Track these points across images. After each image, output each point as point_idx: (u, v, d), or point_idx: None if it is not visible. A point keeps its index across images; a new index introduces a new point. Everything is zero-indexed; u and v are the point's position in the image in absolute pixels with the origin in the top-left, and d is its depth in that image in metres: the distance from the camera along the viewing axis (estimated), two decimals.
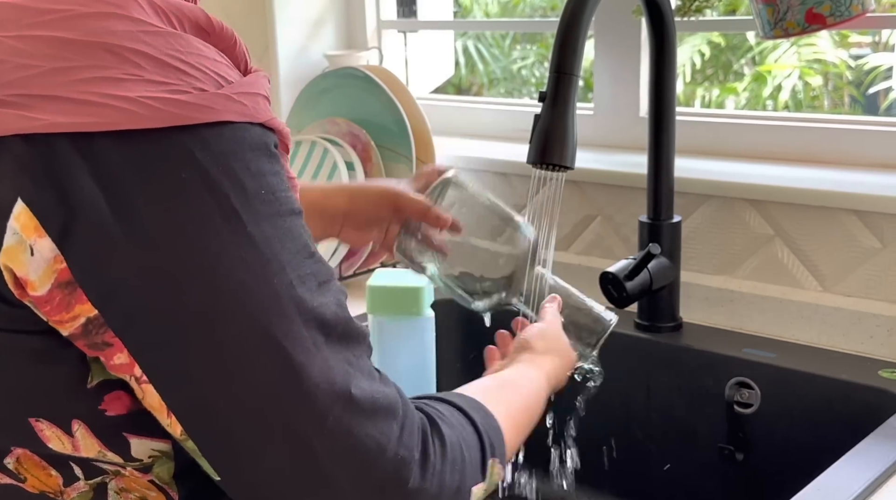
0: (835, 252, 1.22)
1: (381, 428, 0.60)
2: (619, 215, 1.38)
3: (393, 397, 0.62)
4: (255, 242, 0.57)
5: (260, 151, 0.58)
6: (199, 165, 0.55)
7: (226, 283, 0.56)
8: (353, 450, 0.59)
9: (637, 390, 1.28)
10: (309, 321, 0.58)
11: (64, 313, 0.56)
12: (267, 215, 0.58)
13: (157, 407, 0.58)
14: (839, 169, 1.29)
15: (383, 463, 0.60)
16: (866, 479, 0.90)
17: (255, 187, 0.57)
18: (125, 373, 0.58)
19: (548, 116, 1.03)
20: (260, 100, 0.59)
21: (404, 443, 0.61)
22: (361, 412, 0.59)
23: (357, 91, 1.54)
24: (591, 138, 1.50)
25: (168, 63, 0.56)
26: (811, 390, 1.14)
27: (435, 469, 0.63)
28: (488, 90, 4.84)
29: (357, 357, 0.61)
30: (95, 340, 0.56)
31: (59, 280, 0.55)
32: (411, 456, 0.61)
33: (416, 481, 0.61)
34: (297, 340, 0.57)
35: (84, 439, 0.61)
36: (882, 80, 3.99)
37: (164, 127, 0.54)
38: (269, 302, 0.57)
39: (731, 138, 1.40)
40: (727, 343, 1.22)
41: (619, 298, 1.19)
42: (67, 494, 0.63)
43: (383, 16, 1.79)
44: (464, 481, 0.66)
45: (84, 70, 0.54)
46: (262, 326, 0.56)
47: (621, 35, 1.46)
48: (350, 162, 1.49)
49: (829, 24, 1.06)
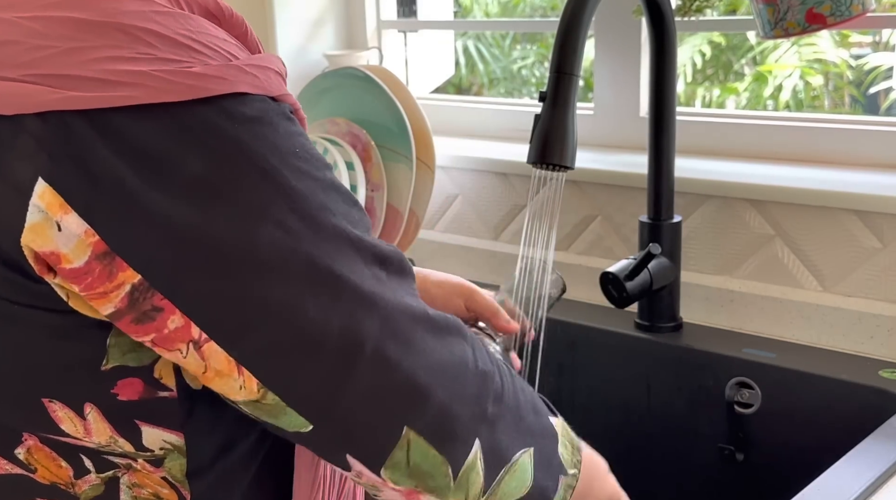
0: (835, 252, 1.22)
1: (459, 345, 0.64)
2: (619, 215, 1.38)
3: (456, 320, 0.66)
4: (301, 193, 0.58)
5: (282, 116, 0.59)
6: (226, 132, 0.56)
7: (274, 233, 0.56)
8: (442, 364, 0.62)
9: (637, 390, 1.28)
10: (369, 257, 0.60)
11: (107, 283, 0.55)
12: (306, 170, 0.59)
13: (225, 369, 0.57)
14: (839, 169, 1.29)
15: (469, 376, 0.64)
16: (867, 479, 0.90)
17: (288, 146, 0.58)
18: (182, 340, 0.57)
19: (548, 116, 1.03)
20: (272, 74, 0.60)
21: (480, 357, 0.66)
22: (440, 331, 0.63)
23: (357, 91, 1.54)
24: (591, 138, 1.50)
25: (180, 42, 0.56)
26: (811, 391, 1.14)
27: (508, 386, 0.68)
28: (488, 90, 4.84)
29: (415, 289, 0.64)
30: (144, 307, 0.56)
31: (95, 252, 0.54)
32: (491, 369, 0.66)
33: (499, 391, 0.66)
34: (363, 274, 0.59)
35: (96, 423, 0.60)
36: (882, 80, 3.99)
37: (183, 100, 0.55)
38: (325, 243, 0.58)
39: (732, 138, 1.40)
40: (727, 343, 1.22)
41: (619, 298, 1.19)
42: (79, 486, 0.63)
43: (383, 16, 1.79)
44: (537, 405, 0.71)
45: (98, 50, 0.54)
46: (323, 264, 0.57)
47: (621, 35, 1.46)
48: (350, 162, 1.49)
49: (829, 23, 1.06)
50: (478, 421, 0.64)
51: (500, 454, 0.65)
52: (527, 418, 0.69)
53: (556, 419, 0.74)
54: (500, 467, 0.65)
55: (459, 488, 0.63)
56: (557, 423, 0.74)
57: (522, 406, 0.69)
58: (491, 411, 0.65)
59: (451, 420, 0.62)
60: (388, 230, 1.49)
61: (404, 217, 1.48)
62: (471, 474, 0.63)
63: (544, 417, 0.71)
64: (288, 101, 0.61)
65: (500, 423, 0.65)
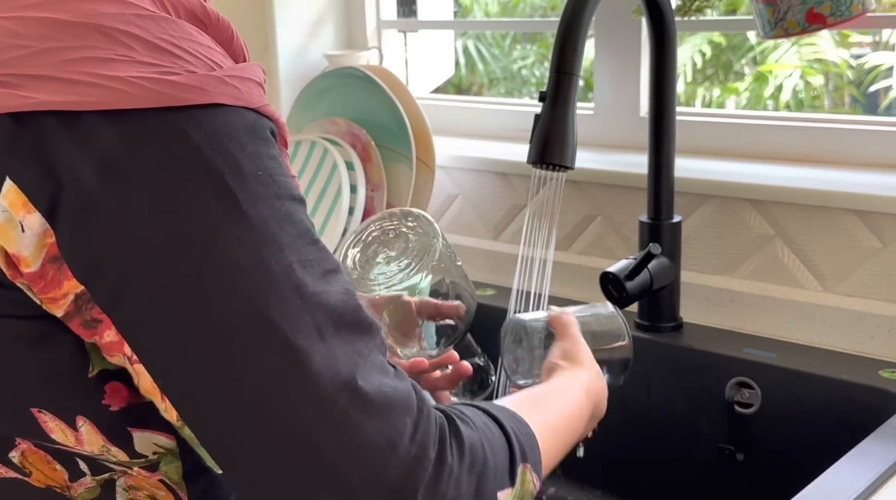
0: (835, 252, 1.21)
1: (392, 423, 0.56)
2: (619, 215, 1.38)
3: (406, 391, 0.59)
4: (251, 221, 0.55)
5: (255, 134, 0.57)
6: (191, 143, 0.54)
7: (218, 260, 0.54)
8: (361, 446, 0.55)
9: (637, 390, 1.28)
10: (311, 306, 0.55)
11: (56, 290, 0.55)
12: (264, 197, 0.56)
13: (151, 390, 0.57)
14: (839, 169, 1.29)
15: (394, 462, 0.56)
16: (867, 479, 0.90)
17: (251, 168, 0.56)
18: (117, 352, 0.57)
19: (548, 116, 1.03)
20: (253, 86, 0.59)
21: (418, 441, 0.57)
22: (371, 406, 0.56)
23: (357, 91, 1.54)
24: (591, 138, 1.50)
25: (159, 46, 0.56)
26: (811, 390, 1.13)
27: (452, 472, 0.59)
28: (488, 90, 4.84)
29: (368, 350, 0.58)
30: (86, 316, 0.56)
31: (49, 254, 0.54)
32: (425, 455, 0.57)
33: (430, 483, 0.57)
34: (298, 324, 0.55)
35: (89, 434, 0.60)
36: (882, 79, 3.99)
37: (156, 107, 0.54)
38: (265, 283, 0.54)
39: (732, 138, 1.40)
40: (727, 343, 1.22)
41: (619, 298, 1.19)
42: (74, 489, 0.63)
43: (383, 16, 1.79)
44: (485, 485, 0.61)
45: (75, 50, 0.54)
46: (258, 306, 0.54)
47: (621, 35, 1.46)
48: (350, 162, 1.49)
49: (829, 23, 1.06)
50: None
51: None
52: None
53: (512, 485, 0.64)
54: None
55: None
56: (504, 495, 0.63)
57: (462, 495, 0.59)
58: None
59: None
60: None
61: None
62: None
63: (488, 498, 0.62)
64: (267, 112, 0.59)
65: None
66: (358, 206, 1.46)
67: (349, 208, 1.46)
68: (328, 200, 1.48)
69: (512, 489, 0.64)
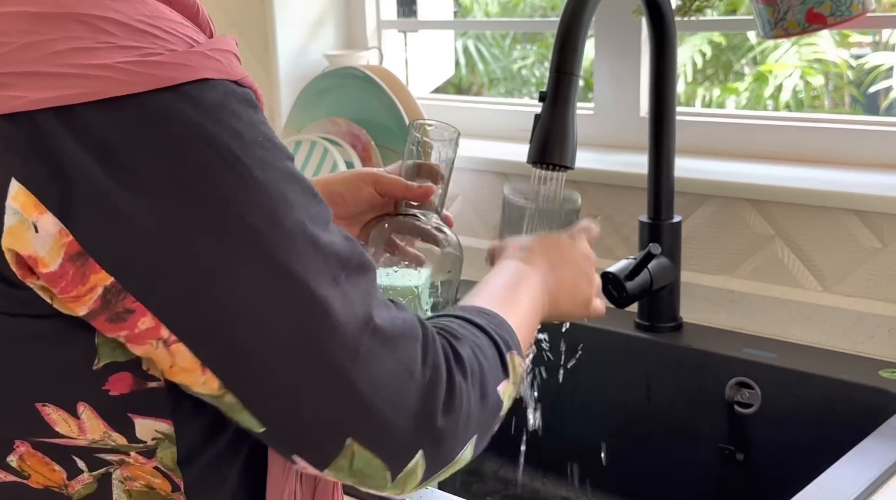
0: (835, 252, 1.22)
1: (407, 352, 0.62)
2: (619, 215, 1.38)
3: (412, 320, 0.64)
4: (263, 185, 0.57)
5: (246, 103, 0.59)
6: (191, 120, 0.55)
7: (237, 228, 0.56)
8: (386, 377, 0.60)
9: (637, 390, 1.28)
10: (326, 257, 0.59)
11: (80, 287, 0.55)
12: (269, 160, 0.58)
13: (190, 367, 0.58)
14: (839, 169, 1.29)
15: (414, 388, 0.61)
16: (867, 479, 0.90)
17: (251, 135, 0.58)
18: (152, 338, 0.57)
19: (548, 116, 1.03)
20: (231, 57, 0.60)
21: (430, 364, 0.63)
22: (388, 339, 0.61)
23: (357, 91, 1.54)
24: (591, 138, 1.50)
25: (138, 28, 0.56)
26: (811, 390, 1.14)
27: (462, 388, 0.64)
28: (488, 90, 4.84)
29: (373, 287, 0.62)
30: (117, 309, 0.56)
31: (68, 253, 0.54)
32: (439, 376, 0.63)
33: (446, 400, 0.63)
34: (319, 275, 0.58)
35: (90, 420, 0.60)
36: (882, 79, 3.99)
37: (148, 90, 0.54)
38: (285, 241, 0.57)
39: (731, 138, 1.40)
40: (727, 343, 1.22)
41: (619, 298, 1.19)
42: (72, 487, 0.63)
43: (383, 16, 1.79)
44: (486, 387, 0.68)
45: (57, 42, 0.54)
46: (282, 265, 0.57)
47: (621, 35, 1.46)
48: (350, 162, 1.49)
49: (829, 23, 1.06)
50: (420, 435, 0.62)
51: (443, 460, 0.65)
52: (473, 416, 0.66)
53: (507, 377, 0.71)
54: (441, 467, 0.65)
55: (396, 486, 0.63)
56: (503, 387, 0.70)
57: (472, 406, 0.66)
58: (437, 425, 0.63)
59: (392, 434, 0.61)
60: None
61: None
62: (409, 477, 0.63)
63: (493, 396, 0.69)
64: (248, 83, 0.60)
65: (444, 436, 0.63)
66: None
67: None
68: None
69: (507, 379, 0.71)
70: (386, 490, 0.64)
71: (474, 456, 0.68)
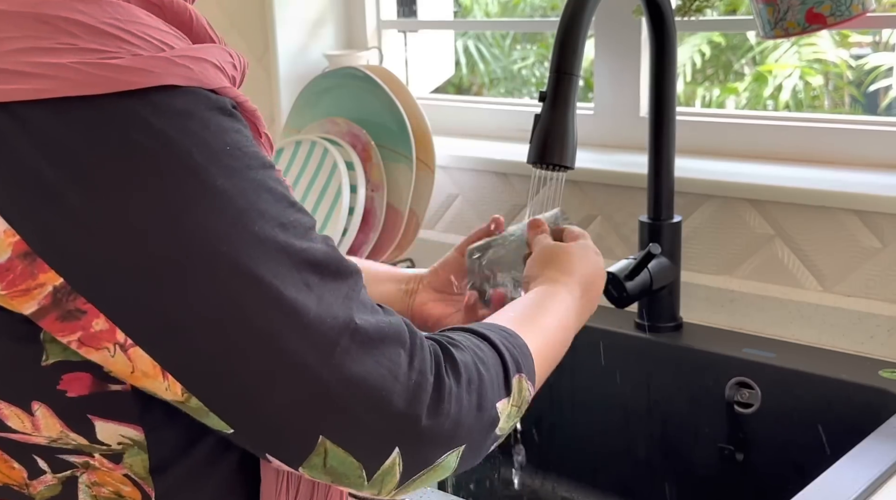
0: (835, 252, 1.22)
1: (390, 356, 0.60)
2: (619, 215, 1.38)
3: (398, 325, 0.63)
4: (228, 194, 0.55)
5: (217, 111, 0.57)
6: (151, 127, 0.54)
7: (196, 232, 0.54)
8: (366, 379, 0.59)
9: (637, 390, 1.28)
10: (299, 263, 0.58)
11: (30, 281, 0.54)
12: (237, 169, 0.56)
13: (151, 372, 0.56)
14: (839, 169, 1.29)
15: (398, 389, 0.60)
16: (866, 479, 0.90)
17: (218, 144, 0.56)
18: (108, 341, 0.55)
19: (548, 116, 1.03)
20: (207, 66, 0.58)
21: (416, 368, 0.62)
22: (369, 341, 0.60)
23: (357, 91, 1.54)
24: (591, 138, 1.50)
25: (105, 31, 0.55)
26: (811, 390, 1.14)
27: (451, 391, 0.63)
28: (488, 90, 4.84)
29: (354, 291, 0.61)
30: (68, 307, 0.54)
31: (17, 251, 0.53)
32: (425, 380, 0.62)
33: (432, 405, 0.62)
34: (289, 280, 0.57)
35: (45, 419, 0.59)
36: (882, 79, 3.99)
37: (107, 93, 0.53)
38: (251, 248, 0.56)
39: (731, 138, 1.40)
40: (727, 343, 1.22)
41: (619, 298, 1.19)
42: (34, 487, 0.62)
43: (383, 16, 1.79)
44: (484, 399, 0.66)
45: (16, 41, 0.53)
46: (246, 270, 0.55)
47: (621, 35, 1.46)
48: (350, 162, 1.49)
49: (829, 23, 1.06)
50: (398, 434, 0.61)
51: (421, 461, 0.63)
52: (464, 423, 0.64)
53: (508, 395, 0.69)
54: (418, 470, 0.63)
55: (373, 485, 0.62)
56: (502, 405, 0.69)
57: (463, 413, 0.64)
58: (421, 425, 0.61)
59: (368, 433, 0.60)
60: (387, 230, 1.49)
61: (404, 217, 1.48)
62: (386, 476, 0.62)
63: (489, 410, 0.67)
64: (229, 94, 0.59)
65: (426, 437, 0.62)
66: (358, 206, 1.46)
67: (349, 208, 1.46)
68: (328, 200, 1.48)
69: (508, 398, 0.69)
70: (363, 490, 0.63)
71: (460, 468, 0.66)
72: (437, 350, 0.65)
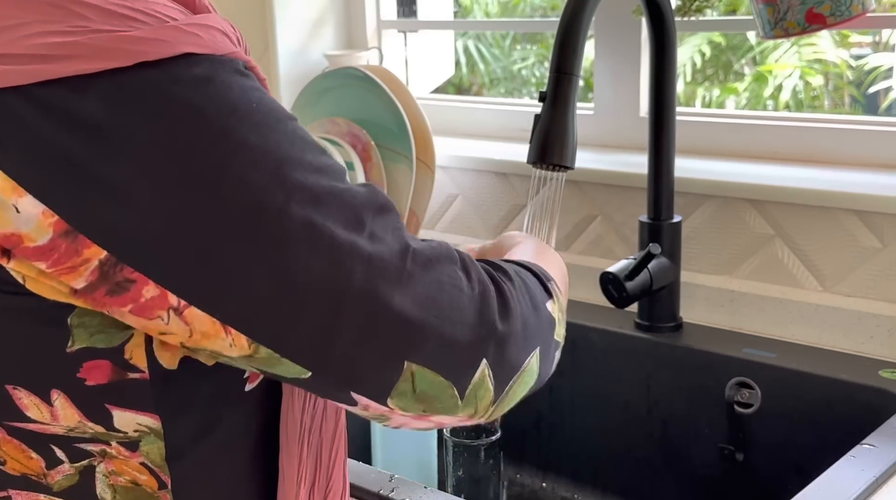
0: (835, 252, 1.22)
1: (449, 273, 0.62)
2: (619, 215, 1.38)
3: (446, 245, 0.65)
4: (262, 147, 0.56)
5: (235, 72, 0.57)
6: (176, 95, 0.54)
7: (239, 188, 0.54)
8: (435, 297, 0.60)
9: (637, 390, 1.28)
10: (344, 202, 0.59)
11: (75, 258, 0.54)
12: (268, 123, 0.57)
13: (211, 330, 0.56)
14: (839, 169, 1.29)
15: (466, 301, 0.62)
16: (867, 479, 0.90)
17: (244, 102, 0.56)
18: (161, 308, 0.55)
19: (548, 116, 1.03)
20: (216, 33, 0.58)
21: (475, 278, 0.64)
22: (427, 262, 0.61)
23: (357, 91, 1.54)
24: (591, 138, 1.50)
25: (115, 11, 0.55)
26: (811, 390, 1.14)
27: (512, 294, 0.66)
28: (488, 90, 4.84)
29: (400, 223, 0.63)
30: (116, 279, 0.54)
31: (58, 230, 0.53)
32: (487, 288, 0.64)
33: (500, 307, 0.64)
34: (340, 219, 0.58)
35: (63, 408, 0.59)
36: (882, 80, 3.99)
37: (125, 66, 0.53)
38: (295, 195, 0.56)
39: (731, 138, 1.40)
40: (727, 343, 1.22)
41: (619, 298, 1.19)
42: (52, 477, 0.62)
43: (383, 16, 1.79)
44: (535, 299, 0.69)
45: (28, 26, 0.53)
46: (294, 216, 0.56)
47: (621, 35, 1.46)
48: (350, 162, 1.49)
49: (829, 24, 1.06)
50: (481, 343, 0.62)
51: (509, 366, 0.65)
52: (530, 322, 0.67)
53: (551, 298, 0.73)
54: (509, 378, 0.65)
55: (468, 404, 0.63)
56: (551, 305, 0.72)
57: (525, 312, 0.67)
58: (499, 329, 0.63)
59: (451, 348, 0.60)
60: None
61: (404, 217, 1.48)
62: (479, 390, 0.62)
63: (544, 309, 0.70)
64: (240, 58, 0.59)
65: (507, 339, 0.64)
66: None
67: None
68: None
69: (552, 300, 0.72)
70: (458, 413, 0.63)
71: (542, 375, 0.69)
72: (486, 265, 0.68)
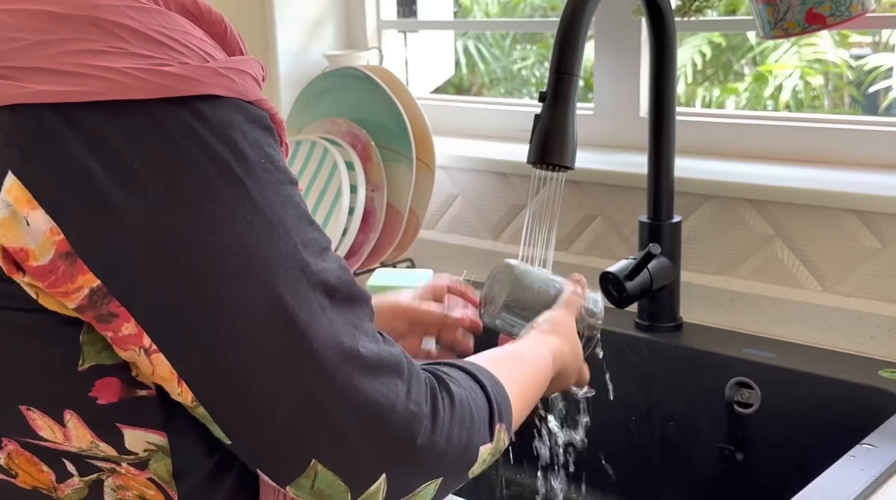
0: (835, 252, 1.22)
1: (388, 385, 0.62)
2: (619, 215, 1.38)
3: (398, 355, 0.65)
4: (260, 206, 0.57)
5: (255, 124, 0.59)
6: (197, 134, 0.56)
7: (231, 245, 0.56)
8: (364, 405, 0.61)
9: (637, 390, 1.28)
10: (314, 284, 0.59)
11: (69, 284, 0.55)
12: (269, 183, 0.58)
13: (168, 377, 0.58)
14: (839, 169, 1.29)
15: (394, 417, 0.62)
16: (867, 479, 0.90)
17: (255, 156, 0.58)
18: (134, 345, 0.57)
19: (548, 116, 1.03)
20: (248, 79, 0.60)
21: (413, 399, 0.64)
22: (370, 370, 0.61)
23: (357, 91, 1.54)
24: (591, 138, 1.50)
25: (153, 37, 0.56)
26: (811, 390, 1.14)
27: (444, 424, 0.66)
28: (488, 90, 4.84)
29: (361, 319, 0.63)
30: (101, 311, 0.56)
31: (59, 251, 0.55)
32: (421, 411, 0.64)
33: (426, 434, 0.64)
34: (304, 301, 0.58)
35: (76, 429, 0.60)
36: (882, 80, 3.98)
37: (156, 98, 0.55)
38: (275, 264, 0.58)
39: (731, 138, 1.40)
40: (727, 343, 1.22)
41: (619, 298, 1.19)
42: (61, 490, 0.63)
43: (383, 16, 1.79)
44: (472, 438, 0.68)
45: (69, 43, 0.54)
46: (269, 287, 0.57)
47: (621, 35, 1.46)
48: (350, 162, 1.49)
49: (829, 24, 1.06)
50: (388, 459, 0.63)
51: (404, 487, 0.65)
52: (448, 455, 0.66)
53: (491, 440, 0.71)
54: (400, 496, 0.65)
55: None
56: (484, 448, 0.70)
57: (450, 447, 0.66)
58: (414, 454, 0.64)
59: (360, 458, 0.62)
60: (388, 230, 1.49)
61: (404, 217, 1.48)
62: (371, 498, 0.64)
63: (472, 451, 0.69)
64: (264, 107, 0.60)
65: (416, 464, 0.64)
66: (358, 206, 1.46)
67: (349, 208, 1.47)
68: (328, 200, 1.48)
69: (490, 444, 0.71)
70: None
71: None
72: (434, 383, 0.67)
